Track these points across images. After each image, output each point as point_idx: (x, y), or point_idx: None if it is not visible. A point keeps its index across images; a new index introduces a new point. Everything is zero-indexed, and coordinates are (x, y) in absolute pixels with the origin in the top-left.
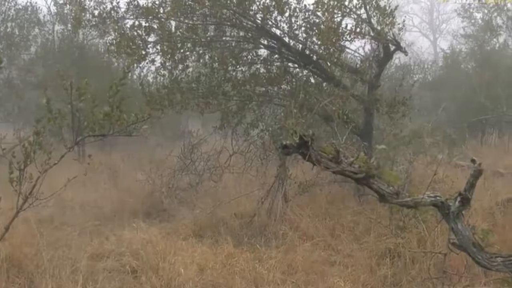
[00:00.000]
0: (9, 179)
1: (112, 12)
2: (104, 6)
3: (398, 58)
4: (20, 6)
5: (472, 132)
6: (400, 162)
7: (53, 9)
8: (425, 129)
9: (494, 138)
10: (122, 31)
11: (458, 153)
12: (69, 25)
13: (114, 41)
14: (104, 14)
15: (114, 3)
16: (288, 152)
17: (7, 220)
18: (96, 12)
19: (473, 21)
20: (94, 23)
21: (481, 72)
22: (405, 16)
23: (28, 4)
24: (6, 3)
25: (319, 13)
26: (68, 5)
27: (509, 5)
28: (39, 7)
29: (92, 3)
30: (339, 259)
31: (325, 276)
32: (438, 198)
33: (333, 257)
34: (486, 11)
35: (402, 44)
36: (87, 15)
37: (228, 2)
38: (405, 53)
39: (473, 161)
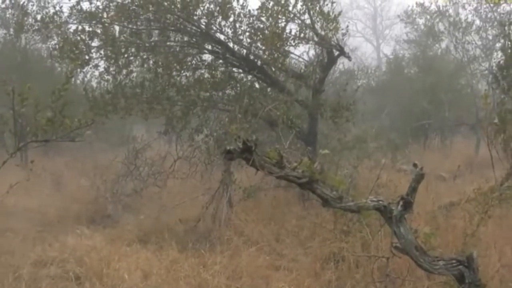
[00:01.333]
0: None
1: (55, 16)
2: (47, 11)
3: (342, 63)
4: None
5: (415, 136)
6: (345, 167)
7: None
8: (369, 134)
9: (436, 143)
10: (65, 36)
11: (401, 157)
12: (11, 29)
13: (57, 45)
14: (47, 19)
15: (57, 8)
16: (231, 157)
17: None
18: (38, 17)
19: (415, 26)
20: (36, 27)
21: (424, 77)
22: (349, 22)
23: None
24: None
25: (263, 19)
26: (10, 9)
27: (450, 10)
28: None
29: (34, 8)
30: (284, 263)
31: (270, 281)
32: (380, 202)
33: (278, 262)
34: (428, 17)
35: (346, 49)
36: (30, 20)
37: (172, 7)
38: (349, 58)
39: (415, 165)
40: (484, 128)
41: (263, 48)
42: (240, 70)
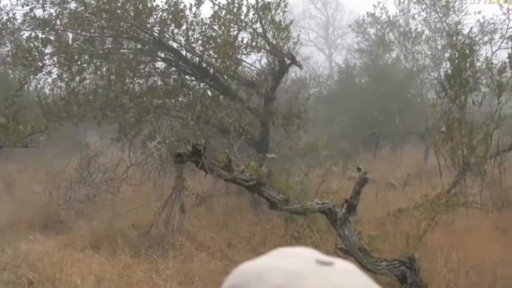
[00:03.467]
0: None
1: (8, 23)
2: (0, 17)
3: (294, 72)
4: None
5: (366, 145)
6: (296, 174)
7: None
8: (320, 142)
9: (387, 151)
10: (19, 43)
11: (352, 166)
12: None
13: (10, 52)
14: (0, 25)
15: (10, 14)
16: (181, 160)
17: None
18: None
19: (366, 36)
20: None
21: (375, 86)
22: (301, 31)
23: None
24: None
25: (215, 27)
26: None
27: (401, 21)
28: None
29: None
30: (235, 266)
31: (221, 286)
32: (326, 204)
33: (230, 267)
34: (379, 26)
35: (298, 58)
36: None
37: (125, 15)
38: (300, 67)
39: (358, 169)
40: (433, 136)
41: (216, 56)
42: (193, 78)
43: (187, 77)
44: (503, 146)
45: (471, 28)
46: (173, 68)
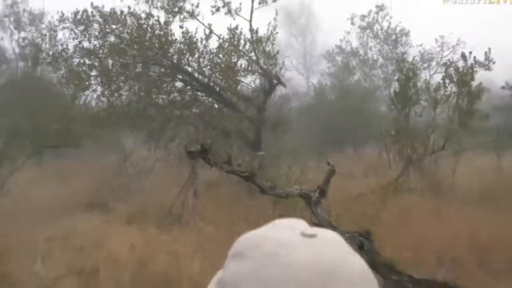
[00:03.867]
0: None
1: (63, 52)
2: (56, 48)
3: (280, 90)
4: None
5: (335, 146)
6: (282, 168)
7: (17, 49)
8: (300, 143)
9: (350, 151)
10: (71, 67)
11: (323, 161)
12: (29, 62)
13: (64, 75)
14: (56, 54)
15: (64, 46)
16: (193, 157)
17: None
18: (50, 53)
19: (335, 63)
20: (48, 61)
21: (341, 101)
22: (285, 59)
23: None
24: None
25: (220, 55)
26: (28, 47)
27: (361, 51)
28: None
29: (47, 45)
30: (236, 236)
31: (226, 249)
32: (303, 190)
33: (232, 238)
34: (344, 55)
35: (283, 79)
36: (43, 55)
37: (152, 46)
38: (284, 86)
39: (328, 163)
40: (384, 139)
41: (220, 77)
42: (203, 94)
43: (198, 93)
44: (437, 147)
45: (414, 57)
46: (188, 87)
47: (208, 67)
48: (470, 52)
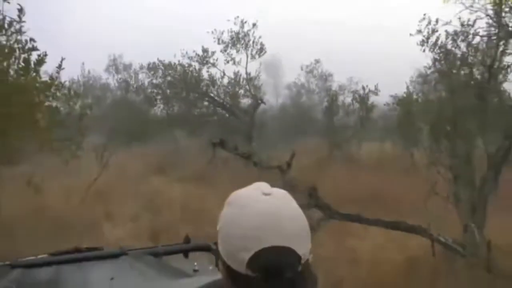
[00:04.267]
0: None
1: (142, 86)
2: (138, 84)
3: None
4: None
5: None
6: (264, 151)
7: (116, 84)
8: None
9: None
10: (146, 94)
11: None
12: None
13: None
14: (138, 87)
15: (142, 82)
16: (214, 145)
17: None
18: (135, 86)
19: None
20: (134, 90)
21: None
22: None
23: None
24: None
25: (230, 87)
26: (122, 83)
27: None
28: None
29: (133, 81)
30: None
31: None
32: (278, 164)
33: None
34: (295, 88)
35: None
36: (131, 87)
37: (190, 82)
38: (264, 103)
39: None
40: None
41: (229, 99)
42: (219, 109)
43: (217, 108)
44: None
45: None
46: (211, 105)
47: (223, 94)
48: (367, 85)
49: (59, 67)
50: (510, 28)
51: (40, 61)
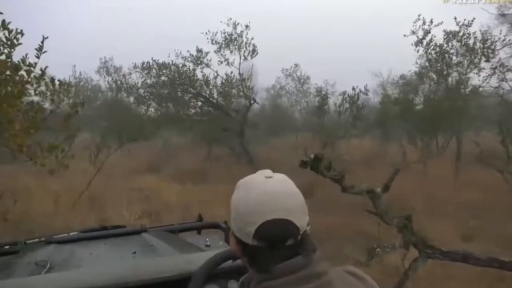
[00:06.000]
0: None
1: (135, 86)
2: (130, 84)
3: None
4: None
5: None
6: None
7: (107, 85)
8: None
9: None
10: (140, 94)
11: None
12: (114, 92)
13: (136, 98)
14: (131, 86)
15: (136, 82)
16: (305, 166)
17: None
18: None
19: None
20: (126, 90)
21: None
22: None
23: None
24: None
25: (226, 88)
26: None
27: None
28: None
29: (125, 81)
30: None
31: None
32: (369, 187)
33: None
34: (275, 90)
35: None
36: (123, 87)
37: (184, 82)
38: (258, 104)
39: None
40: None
41: (223, 100)
42: (212, 109)
43: (210, 108)
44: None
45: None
46: (205, 104)
47: (216, 94)
48: (357, 86)
49: (40, 49)
50: None
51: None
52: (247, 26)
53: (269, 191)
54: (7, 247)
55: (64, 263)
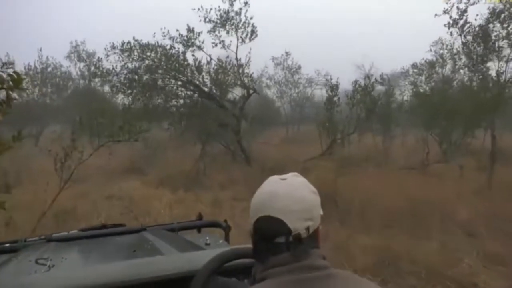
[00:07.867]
0: None
1: (113, 70)
2: (108, 68)
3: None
4: None
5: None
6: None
7: (78, 72)
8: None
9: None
10: (119, 81)
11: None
12: (86, 80)
13: (113, 89)
14: (105, 73)
15: (114, 66)
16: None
17: None
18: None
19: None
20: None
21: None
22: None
23: None
24: None
25: (219, 76)
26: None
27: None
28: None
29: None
30: (241, 195)
31: (235, 205)
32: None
33: (239, 195)
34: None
35: (258, 90)
36: (98, 72)
37: (173, 67)
38: (258, 94)
39: None
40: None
41: (217, 89)
42: (205, 99)
43: (202, 99)
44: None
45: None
46: (196, 94)
47: (209, 82)
48: (372, 75)
49: None
50: None
51: None
52: (246, 3)
53: (273, 191)
54: (7, 245)
55: (64, 262)
